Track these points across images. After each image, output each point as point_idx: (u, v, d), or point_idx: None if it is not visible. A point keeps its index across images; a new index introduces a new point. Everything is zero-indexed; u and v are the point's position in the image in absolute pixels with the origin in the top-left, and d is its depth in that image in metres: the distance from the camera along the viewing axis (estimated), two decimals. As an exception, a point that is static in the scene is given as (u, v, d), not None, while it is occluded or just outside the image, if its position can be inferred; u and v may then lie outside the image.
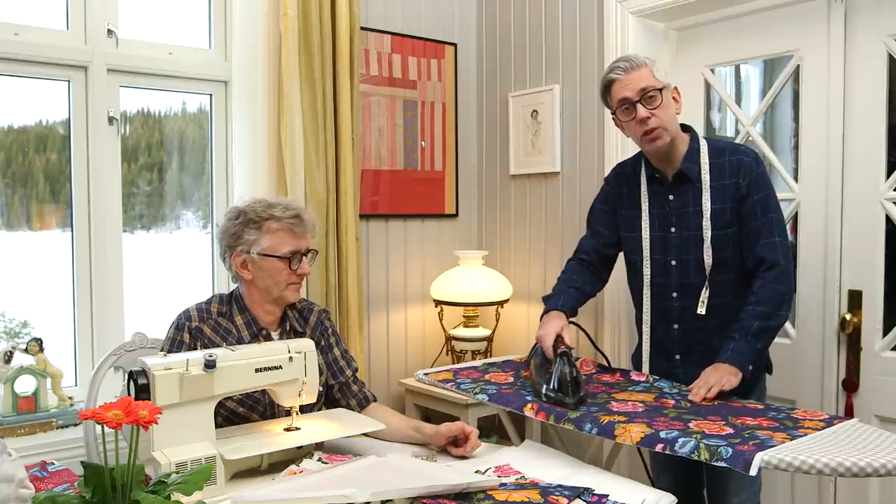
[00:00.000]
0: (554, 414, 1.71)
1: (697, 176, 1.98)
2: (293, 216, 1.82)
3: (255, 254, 1.79)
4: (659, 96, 1.92)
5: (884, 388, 2.22)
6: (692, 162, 1.99)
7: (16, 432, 2.21)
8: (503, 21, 3.18)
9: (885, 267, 2.22)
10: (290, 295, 1.84)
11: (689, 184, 1.99)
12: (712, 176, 1.97)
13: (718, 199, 1.96)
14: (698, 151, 2.00)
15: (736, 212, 1.96)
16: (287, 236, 1.81)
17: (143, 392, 1.45)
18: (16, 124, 2.43)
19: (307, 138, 2.62)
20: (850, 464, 1.31)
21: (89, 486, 1.06)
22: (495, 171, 3.26)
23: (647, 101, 1.92)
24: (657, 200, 2.05)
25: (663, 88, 1.93)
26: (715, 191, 1.97)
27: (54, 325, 2.46)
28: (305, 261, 1.85)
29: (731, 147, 2.02)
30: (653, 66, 1.95)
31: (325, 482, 1.40)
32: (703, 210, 1.97)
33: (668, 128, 1.94)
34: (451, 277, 3.00)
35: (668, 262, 2.04)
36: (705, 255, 1.97)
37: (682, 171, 1.99)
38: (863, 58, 2.23)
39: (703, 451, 1.43)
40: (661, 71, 1.97)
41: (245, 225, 1.80)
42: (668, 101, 1.95)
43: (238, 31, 2.59)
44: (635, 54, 2.00)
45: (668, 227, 2.03)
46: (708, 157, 1.99)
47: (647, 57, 1.99)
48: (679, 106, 2.00)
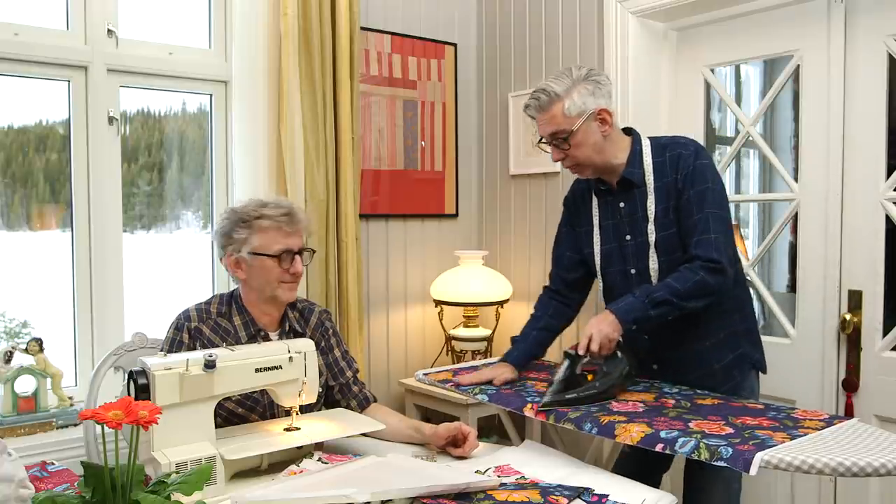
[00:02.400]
0: (554, 414, 1.71)
1: (642, 179, 1.93)
2: (283, 214, 1.80)
3: (246, 253, 1.78)
4: (572, 135, 1.87)
5: (884, 388, 2.22)
6: (635, 166, 1.94)
7: (16, 432, 2.20)
8: (503, 21, 3.18)
9: (885, 267, 2.22)
10: (283, 294, 1.81)
11: (635, 188, 1.94)
12: (655, 176, 1.92)
13: (662, 200, 1.91)
14: (641, 153, 1.94)
15: (676, 210, 1.89)
16: (277, 235, 1.79)
17: (143, 392, 1.45)
18: (16, 124, 2.43)
19: (307, 138, 2.62)
20: (851, 463, 1.31)
21: (89, 486, 1.06)
22: (495, 171, 3.26)
23: (558, 142, 1.90)
24: (609, 211, 2.01)
25: (574, 130, 1.87)
26: (658, 191, 1.91)
27: (54, 325, 2.46)
28: (298, 260, 1.82)
29: (671, 141, 1.96)
30: (567, 99, 1.86)
31: (325, 482, 1.40)
32: (647, 214, 1.93)
33: (587, 162, 1.92)
34: (451, 277, 3.00)
35: (628, 272, 1.99)
36: (650, 261, 1.93)
37: (626, 177, 1.94)
38: (863, 58, 2.23)
39: (703, 451, 1.43)
40: (577, 102, 1.86)
41: (236, 224, 1.79)
42: (584, 134, 1.88)
43: (238, 31, 2.59)
44: (550, 87, 1.88)
45: (624, 235, 1.98)
46: (651, 157, 1.94)
47: (562, 91, 1.87)
48: (608, 127, 1.91)
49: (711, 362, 1.96)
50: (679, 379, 1.98)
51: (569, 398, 1.77)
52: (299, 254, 1.82)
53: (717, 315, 1.92)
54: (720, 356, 1.96)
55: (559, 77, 1.90)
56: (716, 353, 1.96)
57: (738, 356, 1.97)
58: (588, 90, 1.87)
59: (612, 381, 1.82)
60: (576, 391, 1.79)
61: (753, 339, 2.01)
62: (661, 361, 2.02)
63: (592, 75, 1.90)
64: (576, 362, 1.82)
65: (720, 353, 1.96)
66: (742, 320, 1.98)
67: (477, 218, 3.36)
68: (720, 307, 1.91)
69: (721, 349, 1.96)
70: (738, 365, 1.97)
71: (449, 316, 3.07)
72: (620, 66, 2.66)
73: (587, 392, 1.79)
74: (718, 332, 1.95)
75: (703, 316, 1.90)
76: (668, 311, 1.81)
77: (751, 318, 2.02)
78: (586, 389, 1.80)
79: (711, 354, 1.96)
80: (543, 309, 2.14)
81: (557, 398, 1.77)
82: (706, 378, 1.95)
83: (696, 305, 1.82)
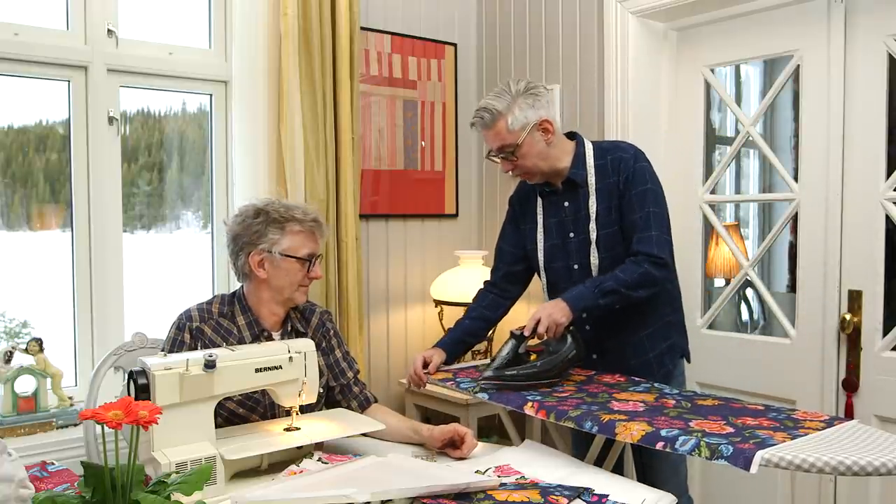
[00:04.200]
0: (555, 412, 1.71)
1: (585, 179, 2.04)
2: (313, 220, 1.88)
3: (277, 253, 1.81)
4: (518, 148, 1.98)
5: (884, 388, 2.22)
6: (579, 167, 2.05)
7: (16, 432, 2.20)
8: (503, 21, 3.18)
9: (885, 267, 2.22)
10: (299, 297, 1.87)
11: (579, 188, 2.05)
12: (597, 177, 2.03)
13: (604, 199, 2.02)
14: (585, 155, 2.05)
15: (618, 209, 2.01)
16: (307, 239, 1.86)
17: (143, 392, 1.45)
18: (16, 124, 2.43)
19: (307, 138, 2.62)
20: (851, 462, 1.31)
21: (89, 486, 1.06)
22: (495, 171, 3.26)
23: (506, 155, 2.00)
24: (554, 210, 2.11)
25: (519, 144, 1.97)
26: (600, 192, 2.03)
27: (54, 325, 2.46)
28: (318, 264, 1.89)
29: (613, 146, 2.09)
30: (509, 116, 1.96)
31: (325, 482, 1.40)
32: (590, 213, 2.04)
33: (535, 169, 2.03)
34: (451, 277, 3.00)
35: (571, 267, 2.10)
36: (591, 256, 2.04)
37: (570, 178, 2.05)
38: (863, 58, 2.23)
39: (704, 450, 1.43)
40: (518, 117, 1.96)
41: (268, 224, 1.83)
42: (528, 146, 1.98)
43: (238, 31, 2.59)
44: (491, 105, 1.98)
45: (567, 232, 2.09)
46: (593, 159, 2.05)
47: (503, 108, 1.96)
48: (551, 135, 2.00)
49: (647, 351, 2.09)
50: (618, 367, 2.08)
51: (508, 374, 1.89)
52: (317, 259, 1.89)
53: (652, 307, 2.05)
54: (654, 345, 2.09)
55: (500, 95, 1.99)
56: (651, 342, 2.09)
57: (669, 345, 2.10)
58: (528, 104, 1.98)
59: (555, 363, 1.92)
60: (515, 368, 1.90)
61: (681, 330, 2.16)
62: (602, 351, 2.12)
63: (531, 88, 2.00)
64: (520, 342, 1.94)
65: (654, 343, 2.09)
66: (673, 312, 2.13)
67: (477, 218, 3.36)
68: (656, 299, 2.04)
69: (655, 339, 2.09)
70: (669, 353, 2.10)
71: (449, 316, 3.06)
72: (620, 66, 2.66)
73: (527, 370, 1.90)
74: (654, 322, 2.08)
75: (640, 307, 2.01)
76: (616, 299, 1.93)
77: (680, 310, 2.16)
78: (526, 368, 1.91)
79: (647, 344, 2.08)
80: (479, 301, 2.26)
81: (497, 374, 1.89)
82: (642, 367, 2.07)
83: (640, 295, 1.94)
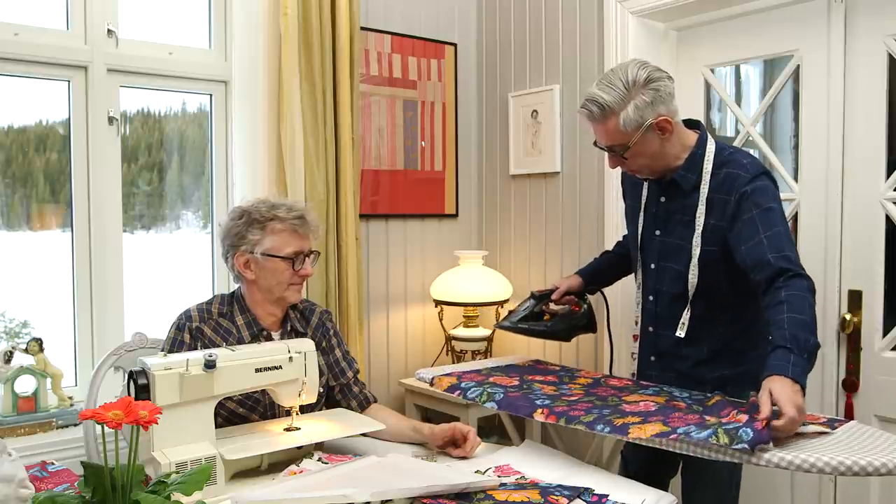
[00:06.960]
0: (565, 417, 1.68)
1: (692, 186, 1.82)
2: (297, 217, 1.83)
3: (259, 254, 1.79)
4: (629, 149, 1.78)
5: (884, 388, 2.22)
6: (690, 171, 1.82)
7: (16, 432, 2.20)
8: (503, 21, 3.18)
9: (885, 267, 2.22)
10: (291, 296, 1.84)
11: (682, 191, 1.85)
12: (711, 187, 1.79)
13: (714, 215, 1.79)
14: (702, 158, 1.82)
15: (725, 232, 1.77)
16: (291, 237, 1.82)
17: (143, 392, 1.45)
18: (16, 124, 2.43)
19: (307, 138, 2.62)
20: (851, 462, 1.31)
21: (89, 486, 1.06)
22: (495, 171, 3.26)
23: (615, 152, 1.82)
24: (652, 199, 1.96)
25: (631, 143, 1.77)
26: (709, 203, 1.80)
27: (54, 325, 2.46)
28: (308, 262, 1.85)
29: (731, 158, 1.81)
30: (622, 114, 1.73)
31: (325, 482, 1.40)
32: (694, 223, 1.82)
33: (644, 169, 1.85)
34: (451, 277, 3.00)
35: (648, 265, 1.97)
36: (690, 273, 1.83)
37: (675, 180, 1.85)
38: (863, 58, 2.23)
39: (722, 436, 1.41)
40: (633, 117, 1.73)
41: (249, 225, 1.80)
42: (641, 146, 1.77)
43: (238, 31, 2.59)
44: (603, 100, 1.75)
45: (654, 229, 1.94)
46: (712, 165, 1.81)
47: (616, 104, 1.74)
48: (669, 133, 1.78)
49: None
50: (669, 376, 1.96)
51: (521, 327, 2.13)
52: (308, 256, 1.85)
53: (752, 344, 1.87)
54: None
55: (612, 85, 1.74)
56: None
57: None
58: (646, 100, 1.73)
59: (563, 326, 2.13)
60: (528, 323, 2.13)
61: None
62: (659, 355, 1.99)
63: (651, 81, 1.74)
64: (539, 302, 2.14)
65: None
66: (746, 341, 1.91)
67: (477, 218, 3.36)
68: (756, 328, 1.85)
69: None
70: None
71: (449, 316, 3.07)
72: (620, 66, 2.65)
73: (539, 327, 2.14)
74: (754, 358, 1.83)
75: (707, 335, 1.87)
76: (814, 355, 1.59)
77: None
78: (537, 325, 2.14)
79: None
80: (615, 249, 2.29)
81: (513, 325, 2.13)
82: None
83: None
